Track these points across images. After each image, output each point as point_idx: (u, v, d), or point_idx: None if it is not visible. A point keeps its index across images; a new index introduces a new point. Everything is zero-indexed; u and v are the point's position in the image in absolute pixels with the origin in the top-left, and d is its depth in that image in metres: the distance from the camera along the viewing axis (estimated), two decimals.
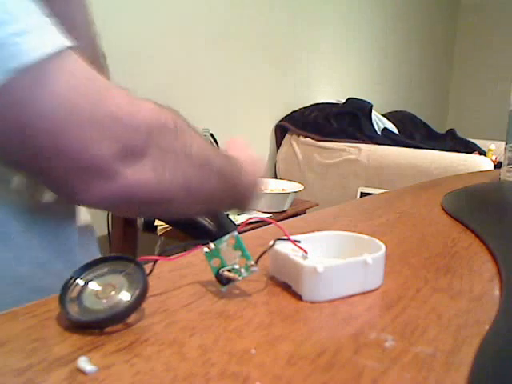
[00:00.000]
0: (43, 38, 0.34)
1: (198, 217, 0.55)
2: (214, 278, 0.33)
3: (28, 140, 0.34)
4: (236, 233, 0.34)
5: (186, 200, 0.43)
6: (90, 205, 0.40)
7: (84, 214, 0.52)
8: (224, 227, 0.53)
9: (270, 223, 0.38)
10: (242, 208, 0.57)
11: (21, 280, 0.41)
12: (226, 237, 0.34)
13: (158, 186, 0.39)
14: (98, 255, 0.54)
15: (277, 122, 2.31)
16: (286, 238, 0.35)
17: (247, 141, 0.61)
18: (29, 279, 0.42)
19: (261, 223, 0.47)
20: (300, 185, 1.72)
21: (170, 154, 0.40)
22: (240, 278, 0.32)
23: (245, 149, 0.59)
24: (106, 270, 0.30)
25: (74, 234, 0.48)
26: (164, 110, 0.41)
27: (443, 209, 0.61)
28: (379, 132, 2.34)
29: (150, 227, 1.36)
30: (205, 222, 0.55)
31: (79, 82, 0.35)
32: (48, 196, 0.45)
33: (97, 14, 0.55)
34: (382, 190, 1.06)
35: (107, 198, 0.37)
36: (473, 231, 0.50)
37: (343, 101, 2.43)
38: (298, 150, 2.19)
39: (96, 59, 0.57)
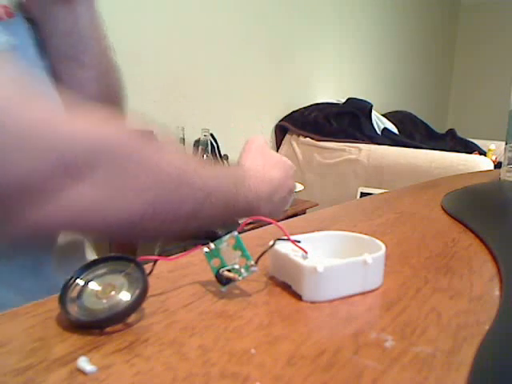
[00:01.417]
0: None
1: (190, 234, 0.52)
2: (213, 278, 0.33)
3: None
4: (236, 233, 0.34)
5: (157, 219, 0.38)
6: (34, 233, 0.34)
7: None
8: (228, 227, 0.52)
9: (270, 223, 0.38)
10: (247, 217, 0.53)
11: None
12: (226, 237, 0.33)
13: (109, 208, 0.35)
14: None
15: (277, 121, 2.31)
16: (286, 238, 0.35)
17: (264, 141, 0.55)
18: None
19: (261, 223, 0.47)
20: (300, 185, 1.72)
21: (124, 172, 0.35)
22: (240, 278, 0.32)
23: (263, 152, 0.53)
24: (105, 270, 0.30)
25: (49, 260, 0.45)
26: (118, 123, 0.36)
27: (443, 209, 0.61)
28: (379, 132, 2.34)
29: None
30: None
31: None
32: None
33: None
34: (382, 190, 1.06)
35: (47, 223, 0.33)
36: (473, 231, 0.50)
37: (343, 101, 2.43)
38: (297, 149, 2.19)
39: (108, 72, 0.54)
